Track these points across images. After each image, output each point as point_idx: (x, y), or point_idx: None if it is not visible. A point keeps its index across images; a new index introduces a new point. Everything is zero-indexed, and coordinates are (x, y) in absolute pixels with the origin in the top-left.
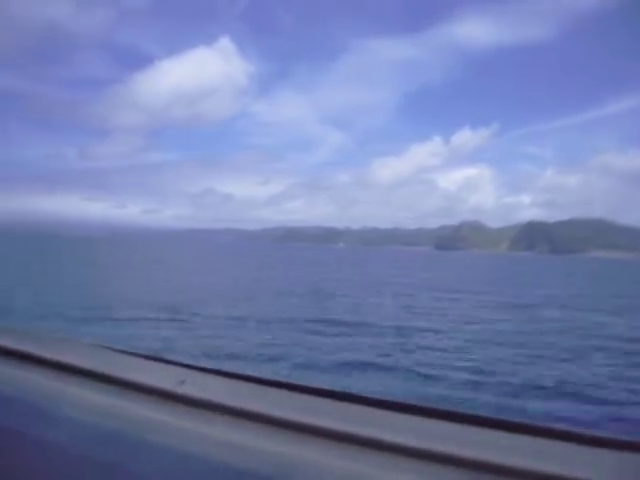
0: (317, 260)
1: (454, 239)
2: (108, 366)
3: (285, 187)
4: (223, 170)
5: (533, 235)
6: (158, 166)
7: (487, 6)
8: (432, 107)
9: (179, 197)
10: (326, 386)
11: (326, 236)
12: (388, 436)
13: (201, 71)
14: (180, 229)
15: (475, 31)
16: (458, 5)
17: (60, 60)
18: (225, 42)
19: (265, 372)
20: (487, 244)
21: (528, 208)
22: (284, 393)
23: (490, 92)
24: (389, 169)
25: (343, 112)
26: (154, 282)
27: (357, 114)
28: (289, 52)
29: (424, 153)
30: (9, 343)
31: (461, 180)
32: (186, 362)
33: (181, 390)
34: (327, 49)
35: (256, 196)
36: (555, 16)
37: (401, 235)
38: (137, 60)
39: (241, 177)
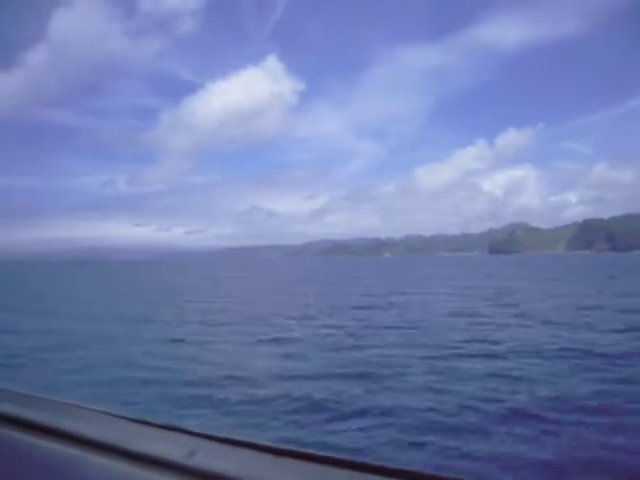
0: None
1: (508, 242)
2: (116, 435)
3: (327, 200)
4: (267, 187)
5: (590, 233)
6: (203, 187)
7: (514, 5)
8: (469, 111)
9: (223, 217)
10: (345, 456)
11: (371, 247)
12: None
13: (241, 94)
14: (224, 248)
15: (504, 31)
16: (484, 7)
17: (111, 92)
18: (259, 63)
19: None
20: (543, 245)
21: (575, 206)
22: (300, 464)
23: (526, 91)
24: (432, 176)
25: (380, 123)
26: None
27: (394, 123)
28: (320, 67)
29: (465, 157)
30: (14, 410)
31: (505, 182)
32: (197, 431)
33: (191, 462)
34: (358, 61)
35: (299, 211)
36: (586, 9)
37: (447, 241)
38: (175, 87)
39: (284, 193)
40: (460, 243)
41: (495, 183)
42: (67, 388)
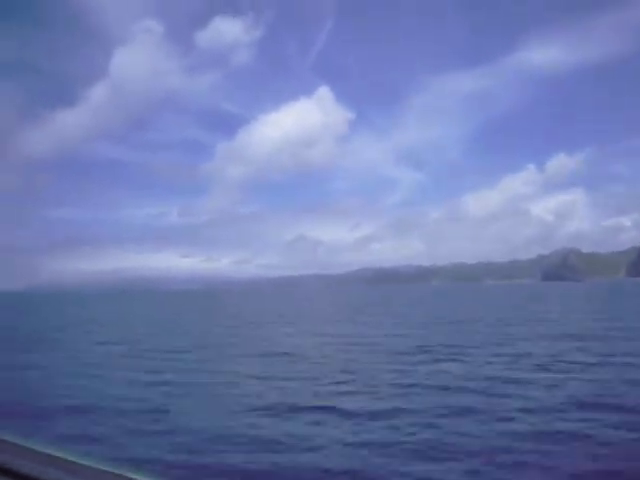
0: None
1: (562, 268)
2: None
3: (372, 228)
4: (312, 217)
5: None
6: (251, 217)
7: (556, 27)
8: (514, 135)
9: (269, 246)
10: None
11: (417, 275)
12: None
13: (287, 125)
14: (269, 277)
15: (548, 53)
16: (526, 30)
17: (164, 126)
18: (303, 94)
19: None
20: (601, 271)
21: (629, 230)
22: None
23: (574, 114)
24: (477, 202)
25: (424, 150)
26: None
27: (438, 150)
28: (362, 97)
29: (512, 183)
30: (10, 461)
31: (554, 207)
32: None
33: None
34: (399, 89)
35: (344, 240)
36: (632, 27)
37: (496, 268)
38: (222, 119)
39: (329, 222)
40: (509, 270)
41: (543, 208)
42: None
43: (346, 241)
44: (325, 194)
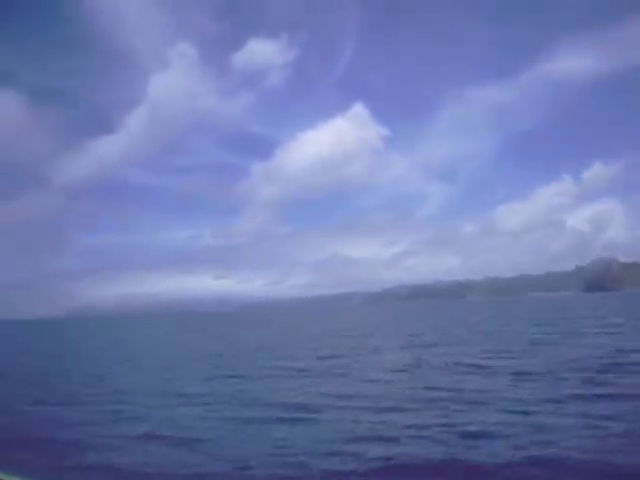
0: None
1: (603, 279)
2: None
3: (404, 244)
4: (345, 235)
5: None
6: (284, 237)
7: (586, 36)
8: (545, 146)
9: (303, 265)
10: None
11: (453, 290)
12: None
13: (314, 145)
14: (304, 297)
15: (573, 63)
16: (555, 40)
17: (197, 149)
18: (330, 112)
19: None
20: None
21: None
22: None
23: (605, 122)
24: (511, 214)
25: (454, 164)
26: None
27: (468, 164)
28: (391, 112)
29: (546, 194)
30: None
31: (590, 216)
32: None
33: None
34: (428, 103)
35: (377, 256)
36: None
37: (533, 281)
38: (250, 142)
39: (362, 239)
40: (546, 283)
41: (579, 218)
42: None
43: (379, 257)
44: (357, 211)
